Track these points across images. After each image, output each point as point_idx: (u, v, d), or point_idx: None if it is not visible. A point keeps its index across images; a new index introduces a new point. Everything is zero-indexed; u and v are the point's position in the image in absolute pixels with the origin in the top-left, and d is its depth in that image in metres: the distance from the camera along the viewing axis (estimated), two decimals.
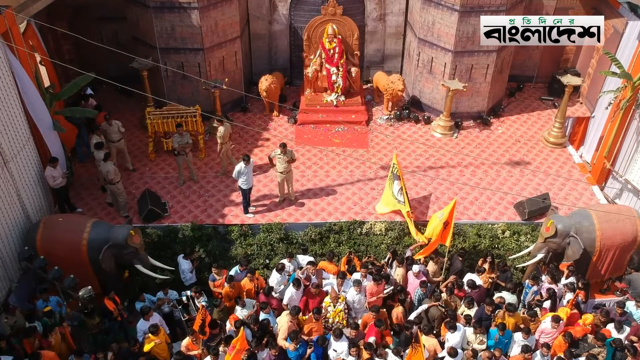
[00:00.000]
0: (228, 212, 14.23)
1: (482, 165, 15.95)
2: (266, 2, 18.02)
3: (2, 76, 11.83)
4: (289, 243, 13.56)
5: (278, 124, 17.68)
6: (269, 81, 17.29)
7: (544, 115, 18.29)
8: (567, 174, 15.72)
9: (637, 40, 14.68)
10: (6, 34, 12.02)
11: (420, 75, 17.77)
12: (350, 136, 17.05)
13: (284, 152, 13.70)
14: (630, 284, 12.47)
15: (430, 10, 16.44)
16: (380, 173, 15.57)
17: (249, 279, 11.85)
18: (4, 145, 11.90)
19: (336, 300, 11.31)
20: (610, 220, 12.49)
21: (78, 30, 14.12)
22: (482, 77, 16.97)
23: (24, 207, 12.75)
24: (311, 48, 17.57)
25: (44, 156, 13.54)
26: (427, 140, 17.02)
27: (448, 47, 16.50)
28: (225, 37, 16.77)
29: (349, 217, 14.10)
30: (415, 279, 11.99)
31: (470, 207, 14.50)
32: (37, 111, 13.04)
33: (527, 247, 13.21)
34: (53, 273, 10.78)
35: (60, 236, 11.84)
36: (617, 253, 12.59)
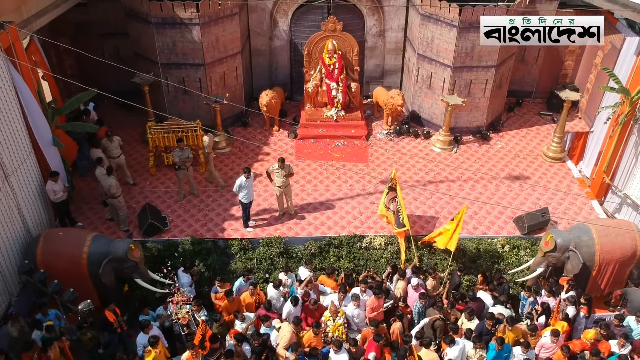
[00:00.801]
0: (228, 226, 14.25)
1: (482, 180, 15.99)
2: (267, 19, 18.19)
3: (5, 91, 11.93)
4: (288, 257, 13.56)
5: (278, 139, 17.77)
6: (269, 96, 17.42)
7: (542, 130, 18.37)
8: (566, 189, 15.75)
9: (634, 55, 14.80)
10: (9, 49, 12.14)
11: (419, 91, 17.89)
12: (350, 151, 17.13)
13: (281, 167, 13.75)
14: (627, 298, 12.42)
15: (429, 26, 16.58)
16: (379, 187, 15.60)
17: (250, 292, 11.87)
18: (5, 159, 11.97)
19: (336, 314, 11.29)
20: (610, 235, 12.49)
21: (80, 46, 14.27)
22: (481, 92, 17.07)
23: (24, 221, 12.79)
24: (311, 63, 17.71)
25: (45, 170, 13.60)
26: (426, 155, 17.09)
27: (447, 62, 16.62)
28: (226, 53, 16.91)
29: (349, 231, 14.12)
30: (414, 292, 11.99)
31: (469, 222, 14.50)
32: (38, 126, 13.12)
33: (527, 262, 13.20)
34: (53, 287, 10.78)
35: (60, 250, 11.87)
36: (617, 267, 12.56)
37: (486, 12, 15.62)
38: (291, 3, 17.85)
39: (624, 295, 12.43)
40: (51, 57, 16.47)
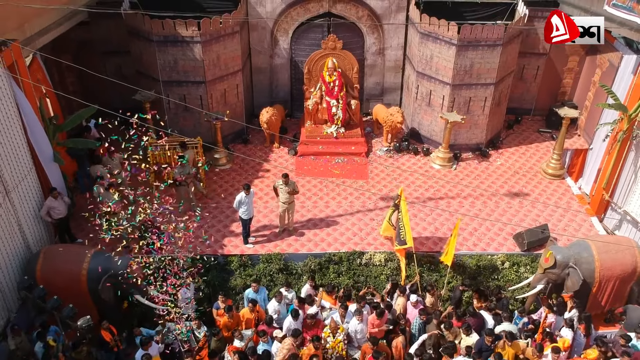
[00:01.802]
0: (228, 243, 14.26)
1: (481, 197, 16.03)
2: (267, 37, 18.39)
3: (6, 108, 12.03)
4: (288, 273, 13.56)
5: (279, 155, 17.86)
6: (269, 113, 17.55)
7: (542, 147, 18.45)
8: (566, 205, 15.77)
9: (632, 73, 14.95)
10: (12, 66, 12.28)
11: (419, 108, 18.01)
12: (350, 167, 17.20)
13: (285, 183, 13.82)
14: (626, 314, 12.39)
15: (428, 44, 16.75)
16: (379, 204, 15.65)
17: (249, 309, 11.86)
18: (6, 175, 12.03)
19: (335, 330, 11.26)
20: (610, 251, 12.51)
21: (82, 63, 14.35)
22: (480, 109, 17.18)
23: (24, 237, 12.82)
24: (312, 81, 17.87)
25: (45, 186, 13.66)
26: (426, 171, 17.15)
27: (446, 80, 16.76)
28: (227, 71, 17.07)
29: (349, 247, 14.13)
30: (413, 309, 11.97)
31: (469, 238, 14.52)
32: (39, 142, 13.22)
33: (527, 278, 13.20)
34: (52, 302, 10.78)
35: (60, 266, 11.90)
36: (617, 284, 12.57)
37: (485, 31, 15.81)
38: (292, 22, 18.07)
39: (625, 312, 12.40)
40: (53, 74, 16.58)
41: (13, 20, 12.56)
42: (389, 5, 17.75)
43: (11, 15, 12.39)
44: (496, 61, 16.33)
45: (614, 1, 14.14)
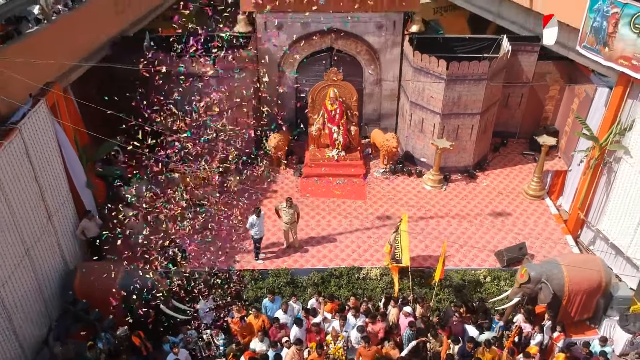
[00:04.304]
0: (241, 259, 16.02)
1: (468, 216, 17.76)
2: (275, 69, 20.05)
3: (49, 144, 13.83)
4: (294, 286, 15.27)
5: (285, 177, 19.59)
6: (277, 139, 19.28)
7: (525, 169, 20.08)
8: (544, 224, 17.50)
9: (604, 106, 16.56)
10: (53, 106, 14.06)
11: (412, 134, 19.74)
12: (350, 188, 18.93)
13: (289, 206, 15.59)
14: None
15: (420, 78, 18.47)
16: (376, 223, 17.38)
17: (253, 315, 13.67)
18: (49, 201, 13.81)
19: (336, 338, 13.00)
20: (578, 269, 14.23)
21: (107, 93, 15.73)
22: (468, 136, 18.90)
23: (62, 254, 14.58)
24: (315, 109, 19.59)
25: (80, 209, 15.43)
26: (418, 192, 18.89)
27: (436, 110, 18.47)
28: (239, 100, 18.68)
29: (348, 263, 15.85)
30: (405, 319, 13.69)
31: (456, 255, 16.25)
32: (75, 170, 15.04)
33: (506, 291, 14.85)
34: (94, 315, 12.57)
35: (96, 281, 13.60)
36: (585, 297, 14.27)
37: (471, 67, 17.54)
38: (296, 55, 19.77)
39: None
40: (80, 104, 18.21)
41: (55, 66, 14.29)
42: (385, 41, 19.48)
43: (53, 65, 14.12)
44: (482, 93, 18.06)
45: (585, 43, 15.82)
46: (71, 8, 14.46)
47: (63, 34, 14.15)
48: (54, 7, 13.81)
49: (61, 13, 14.03)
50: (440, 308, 14.68)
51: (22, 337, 12.67)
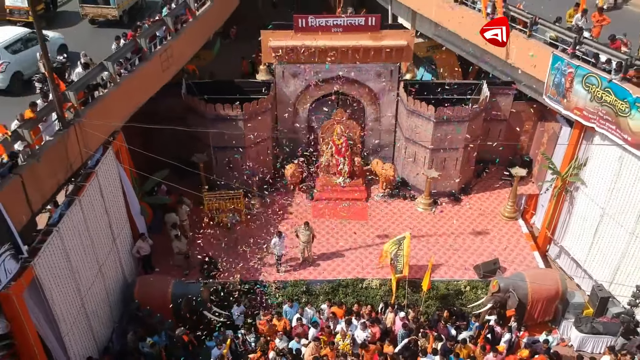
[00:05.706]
0: (265, 271, 19.44)
1: (452, 234, 21.14)
2: (290, 109, 23.39)
3: (114, 182, 17.23)
4: (309, 295, 18.64)
5: (299, 200, 22.94)
6: (292, 168, 22.73)
7: (502, 192, 23.23)
8: (516, 242, 20.88)
9: (566, 143, 19.83)
10: (118, 151, 17.52)
11: (407, 164, 23.12)
12: (354, 210, 22.28)
13: (306, 229, 19.06)
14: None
15: (413, 118, 21.86)
16: (376, 240, 20.78)
17: (276, 318, 17.00)
18: (114, 227, 17.25)
19: (344, 337, 16.41)
20: (539, 280, 17.60)
21: (148, 129, 17.79)
22: (453, 166, 22.28)
23: (122, 270, 17.99)
24: (324, 143, 23.04)
25: (135, 232, 18.90)
26: (412, 214, 22.31)
27: (427, 145, 21.85)
28: (261, 137, 22.05)
29: (353, 275, 19.20)
30: (399, 321, 17.05)
31: (442, 267, 19.62)
32: (132, 201, 18.48)
33: (482, 298, 18.15)
34: (157, 319, 16.04)
35: (151, 291, 17.06)
36: (545, 303, 17.65)
37: (455, 111, 20.94)
38: (309, 98, 23.19)
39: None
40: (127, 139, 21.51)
41: (119, 116, 17.68)
42: (384, 87, 22.82)
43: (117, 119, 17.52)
44: (464, 132, 21.43)
45: (549, 94, 19.09)
46: (130, 71, 17.75)
47: (124, 94, 17.49)
48: (118, 71, 17.04)
49: (122, 75, 17.28)
50: (428, 312, 17.97)
51: (96, 334, 16.04)
